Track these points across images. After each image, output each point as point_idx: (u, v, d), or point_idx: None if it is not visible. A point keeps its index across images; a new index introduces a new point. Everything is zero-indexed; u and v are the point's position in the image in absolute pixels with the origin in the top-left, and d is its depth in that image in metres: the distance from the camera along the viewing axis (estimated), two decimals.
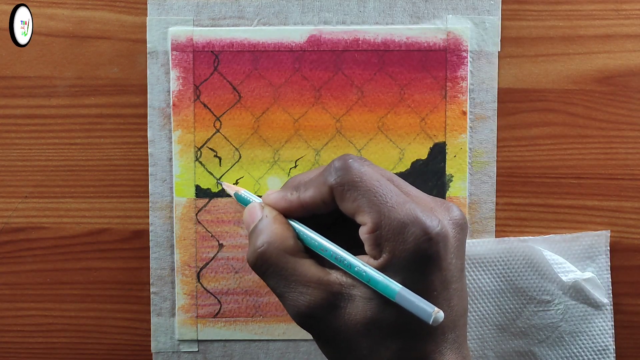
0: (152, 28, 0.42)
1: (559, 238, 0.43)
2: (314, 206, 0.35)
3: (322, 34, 0.42)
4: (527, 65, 0.43)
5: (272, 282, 0.35)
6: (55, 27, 0.43)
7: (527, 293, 0.42)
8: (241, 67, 0.42)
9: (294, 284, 0.34)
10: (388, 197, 0.33)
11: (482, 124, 0.43)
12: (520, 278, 0.42)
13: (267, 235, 0.35)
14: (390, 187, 0.34)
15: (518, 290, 0.42)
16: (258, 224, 0.36)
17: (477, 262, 0.42)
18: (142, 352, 0.44)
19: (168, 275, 0.43)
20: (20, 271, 0.44)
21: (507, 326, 0.42)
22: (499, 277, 0.42)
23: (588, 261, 0.43)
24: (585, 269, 0.43)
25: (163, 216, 0.43)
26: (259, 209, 0.36)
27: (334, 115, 0.43)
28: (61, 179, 0.43)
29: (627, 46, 0.43)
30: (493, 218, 0.43)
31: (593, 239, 0.43)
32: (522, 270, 0.42)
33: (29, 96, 0.43)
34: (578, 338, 0.42)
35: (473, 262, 0.42)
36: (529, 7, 0.42)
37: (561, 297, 0.42)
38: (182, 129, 0.42)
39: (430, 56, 0.42)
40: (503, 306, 0.42)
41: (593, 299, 0.42)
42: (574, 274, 0.42)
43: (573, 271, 0.42)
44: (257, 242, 0.35)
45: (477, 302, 0.42)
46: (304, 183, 0.36)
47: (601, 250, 0.43)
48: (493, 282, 0.42)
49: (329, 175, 0.34)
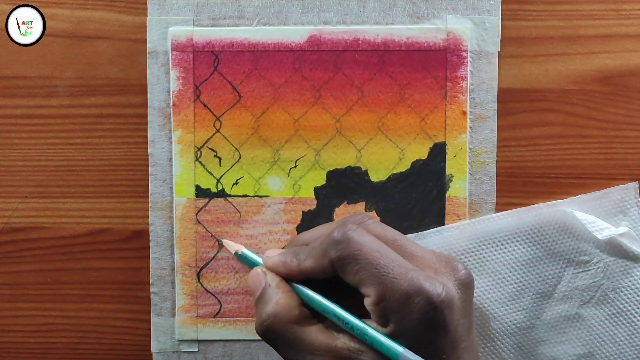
0: (152, 28, 0.42)
1: (587, 197, 0.42)
2: (314, 275, 0.36)
3: (322, 34, 0.42)
4: (527, 65, 0.43)
5: (281, 351, 0.35)
6: (55, 27, 0.43)
7: (564, 256, 0.42)
8: (241, 67, 0.42)
9: (302, 352, 0.34)
10: (390, 267, 0.33)
11: (482, 124, 0.43)
12: (555, 242, 0.42)
13: (272, 307, 0.35)
14: (392, 255, 0.34)
15: (555, 255, 0.42)
16: (262, 293, 0.36)
17: (510, 234, 0.42)
18: (142, 352, 0.44)
19: (168, 275, 0.43)
20: (20, 271, 0.44)
21: (550, 292, 0.42)
22: (534, 244, 0.42)
23: (620, 215, 0.42)
24: (619, 224, 0.42)
25: (163, 216, 0.43)
26: (262, 276, 0.37)
27: (334, 115, 0.43)
28: (61, 179, 0.43)
29: (627, 46, 0.43)
30: None
31: (622, 192, 0.42)
32: (556, 235, 0.42)
33: (29, 96, 0.43)
34: (622, 293, 0.42)
35: (506, 235, 0.42)
36: (529, 7, 0.42)
37: (599, 255, 0.42)
38: (182, 129, 0.42)
39: (430, 56, 0.42)
40: (542, 273, 0.42)
41: (632, 252, 0.42)
42: (608, 231, 0.42)
43: (607, 228, 0.42)
44: (263, 314, 0.35)
45: (516, 273, 0.42)
46: (304, 249, 0.36)
47: (632, 202, 0.42)
48: (529, 250, 0.42)
49: (328, 248, 0.35)
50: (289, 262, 0.36)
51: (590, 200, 0.42)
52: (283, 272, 0.36)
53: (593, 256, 0.42)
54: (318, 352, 0.34)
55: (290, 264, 0.36)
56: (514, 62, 0.43)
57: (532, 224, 0.42)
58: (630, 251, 0.42)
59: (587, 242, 0.42)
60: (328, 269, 0.35)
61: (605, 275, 0.42)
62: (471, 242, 0.42)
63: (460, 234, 0.42)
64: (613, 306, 0.42)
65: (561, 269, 0.42)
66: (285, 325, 0.35)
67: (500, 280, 0.42)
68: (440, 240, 0.42)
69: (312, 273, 0.36)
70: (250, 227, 0.43)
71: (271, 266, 0.37)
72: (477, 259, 0.42)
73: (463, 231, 0.42)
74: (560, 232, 0.42)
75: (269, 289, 0.36)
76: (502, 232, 0.42)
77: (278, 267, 0.37)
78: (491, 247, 0.42)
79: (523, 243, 0.42)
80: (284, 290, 0.36)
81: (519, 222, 0.42)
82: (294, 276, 0.36)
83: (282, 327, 0.35)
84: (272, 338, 0.35)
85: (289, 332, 0.35)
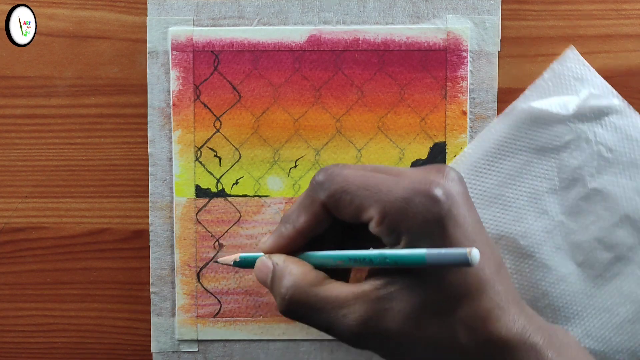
0: (152, 28, 0.42)
1: (536, 85, 0.42)
2: (311, 229, 0.35)
3: (322, 34, 0.42)
4: (527, 65, 0.43)
5: (314, 320, 0.34)
6: (55, 27, 0.43)
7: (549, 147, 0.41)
8: (241, 67, 0.42)
9: (333, 310, 0.33)
10: (381, 185, 0.33)
11: (482, 124, 0.43)
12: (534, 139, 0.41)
13: (287, 280, 0.34)
14: (378, 175, 0.33)
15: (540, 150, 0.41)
16: (273, 275, 0.35)
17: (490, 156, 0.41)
18: (142, 352, 0.44)
19: (168, 275, 0.43)
20: (20, 271, 0.44)
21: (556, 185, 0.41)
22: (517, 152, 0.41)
23: (575, 82, 0.42)
24: (579, 91, 0.42)
25: (163, 216, 0.43)
26: (267, 261, 0.36)
27: (334, 115, 0.43)
28: (61, 179, 0.43)
29: (627, 46, 0.43)
30: None
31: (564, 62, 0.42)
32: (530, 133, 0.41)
33: (29, 96, 0.43)
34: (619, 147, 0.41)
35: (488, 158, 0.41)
36: (529, 7, 0.42)
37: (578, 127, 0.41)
38: (182, 129, 0.42)
39: (430, 56, 0.42)
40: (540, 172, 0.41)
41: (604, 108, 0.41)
42: (572, 103, 0.41)
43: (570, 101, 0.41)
44: (281, 290, 0.34)
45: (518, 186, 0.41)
46: (293, 212, 0.35)
47: (578, 65, 0.42)
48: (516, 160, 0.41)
49: (314, 192, 0.34)
50: (283, 232, 0.36)
51: (540, 85, 0.42)
52: (283, 244, 0.36)
53: (573, 132, 0.41)
54: (348, 303, 0.33)
55: (286, 232, 0.36)
56: (514, 62, 0.43)
57: (502, 136, 0.41)
58: (602, 107, 0.41)
59: (560, 122, 0.41)
60: (322, 214, 0.34)
61: (595, 141, 0.41)
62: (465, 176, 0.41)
63: None
64: (618, 163, 0.41)
65: (553, 159, 0.41)
66: (307, 291, 0.34)
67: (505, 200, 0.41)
68: None
69: (309, 229, 0.35)
70: (250, 227, 0.43)
71: (269, 246, 0.36)
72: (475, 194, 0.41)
73: None
74: (532, 127, 0.41)
75: (277, 267, 0.35)
76: (481, 160, 0.42)
77: (276, 243, 0.36)
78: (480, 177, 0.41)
79: (506, 158, 0.41)
80: (293, 261, 0.35)
81: (490, 143, 0.41)
82: (294, 242, 0.36)
83: (305, 293, 0.34)
84: (297, 309, 0.34)
85: (313, 295, 0.34)
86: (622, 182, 0.41)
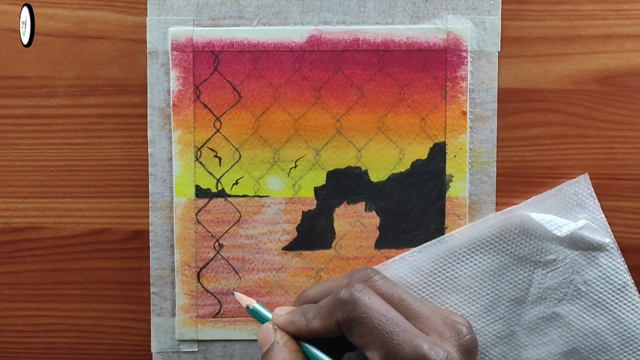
0: (152, 28, 0.42)
1: (541, 197, 0.42)
2: (322, 334, 0.36)
3: (322, 34, 0.42)
4: (527, 65, 0.43)
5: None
6: (55, 27, 0.43)
7: (530, 259, 0.42)
8: (241, 67, 0.42)
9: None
10: (395, 333, 0.34)
11: (482, 124, 0.43)
12: (519, 247, 0.42)
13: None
14: (397, 319, 0.34)
15: (521, 259, 0.42)
16: (269, 350, 0.37)
17: (473, 248, 0.42)
18: (142, 352, 0.44)
19: (168, 275, 0.43)
20: (20, 271, 0.44)
21: (523, 297, 0.42)
22: (499, 253, 0.42)
23: (577, 209, 0.42)
24: (577, 217, 0.42)
25: (163, 216, 0.43)
26: (272, 332, 0.37)
27: (334, 115, 0.43)
28: (61, 179, 0.43)
29: (627, 46, 0.43)
30: None
31: (574, 186, 0.42)
32: (518, 240, 0.42)
33: (29, 96, 0.43)
34: (593, 284, 0.42)
35: (469, 249, 0.42)
36: (529, 7, 0.42)
37: (564, 251, 0.42)
38: (182, 129, 0.42)
39: (430, 56, 0.42)
40: (513, 280, 0.42)
41: (595, 242, 0.42)
42: (567, 227, 0.42)
43: (566, 224, 0.42)
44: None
45: (487, 284, 0.42)
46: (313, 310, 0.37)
47: (586, 194, 0.42)
48: (495, 260, 0.42)
49: (335, 309, 0.35)
50: (297, 321, 0.37)
51: (545, 199, 0.42)
52: (292, 330, 0.37)
53: (558, 254, 0.42)
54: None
55: (299, 323, 0.37)
56: (514, 62, 0.43)
57: (492, 233, 0.42)
58: (593, 242, 0.42)
59: (550, 241, 0.42)
60: (335, 329, 0.35)
61: (574, 270, 0.42)
62: (436, 262, 0.42)
63: (424, 257, 0.42)
64: (587, 299, 0.42)
65: (530, 272, 0.42)
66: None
67: (472, 294, 0.42)
68: (405, 267, 0.42)
69: (319, 332, 0.36)
70: (250, 227, 0.43)
71: (280, 324, 0.37)
72: (446, 278, 0.42)
73: (425, 254, 0.42)
74: (522, 236, 0.42)
75: (276, 346, 0.37)
76: (465, 247, 0.42)
77: (287, 325, 0.37)
78: (457, 264, 0.42)
79: (488, 254, 0.42)
80: (291, 349, 0.37)
81: (480, 234, 0.42)
82: (302, 335, 0.37)
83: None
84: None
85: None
86: (584, 317, 0.42)
